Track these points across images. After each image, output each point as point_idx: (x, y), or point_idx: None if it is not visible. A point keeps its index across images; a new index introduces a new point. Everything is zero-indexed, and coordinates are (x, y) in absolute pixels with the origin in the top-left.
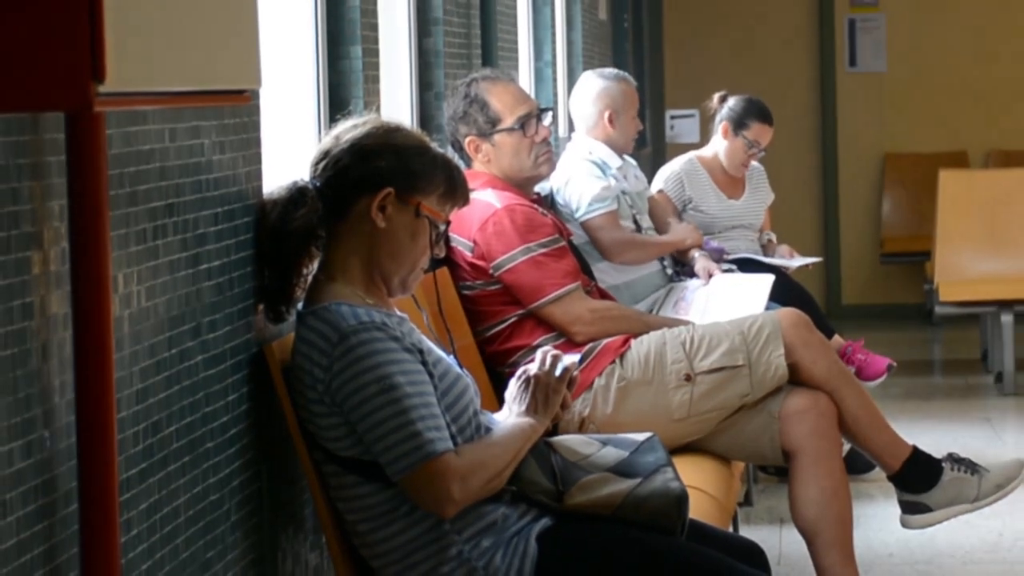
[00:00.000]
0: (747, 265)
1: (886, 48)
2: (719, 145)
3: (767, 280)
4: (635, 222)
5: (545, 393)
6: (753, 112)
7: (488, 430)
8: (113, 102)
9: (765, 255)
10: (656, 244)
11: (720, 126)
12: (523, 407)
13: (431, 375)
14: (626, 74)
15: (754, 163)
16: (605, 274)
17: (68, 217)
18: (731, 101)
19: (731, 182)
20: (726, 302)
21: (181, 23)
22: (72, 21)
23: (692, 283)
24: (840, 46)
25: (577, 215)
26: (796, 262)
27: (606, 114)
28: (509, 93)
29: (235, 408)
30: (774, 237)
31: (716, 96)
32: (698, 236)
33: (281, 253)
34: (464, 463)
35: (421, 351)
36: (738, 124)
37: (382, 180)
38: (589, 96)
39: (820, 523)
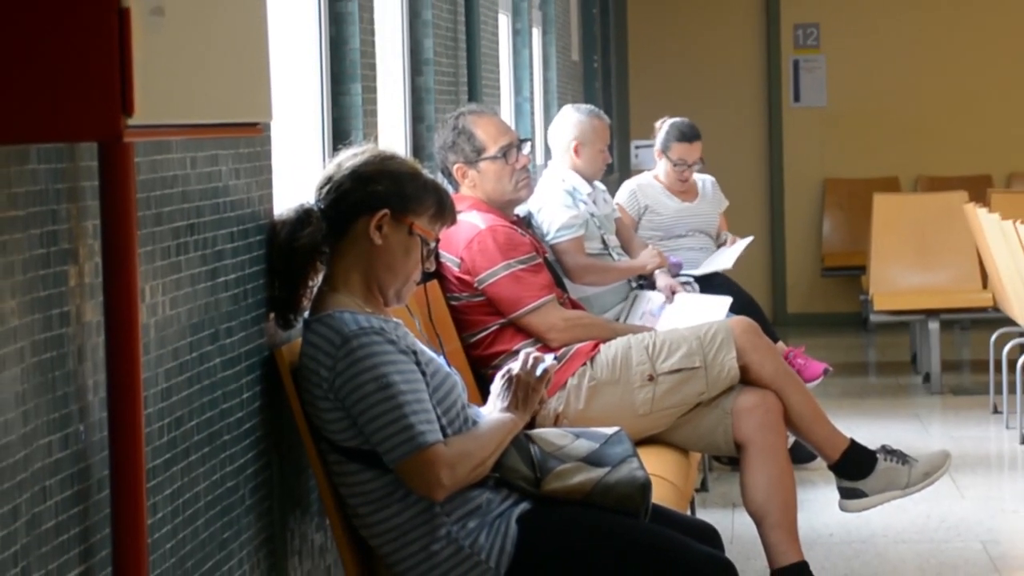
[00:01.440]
0: (705, 281)
1: (826, 85)
2: (659, 168)
3: (726, 302)
4: (603, 241)
5: (525, 391)
6: (673, 135)
7: (474, 423)
8: (141, 133)
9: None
10: (617, 269)
11: (656, 151)
12: (505, 403)
13: (424, 374)
14: (600, 111)
15: (707, 176)
16: (576, 287)
17: (101, 235)
18: (661, 129)
19: (683, 189)
20: (690, 321)
21: (201, 63)
22: (104, 61)
23: (655, 296)
24: (786, 84)
25: (547, 239)
26: (738, 246)
27: (572, 144)
28: (492, 125)
29: (249, 405)
30: (730, 236)
31: (657, 124)
32: (660, 260)
33: (290, 267)
34: (452, 453)
35: (415, 353)
36: (664, 147)
37: (379, 202)
38: (562, 127)
39: (768, 507)
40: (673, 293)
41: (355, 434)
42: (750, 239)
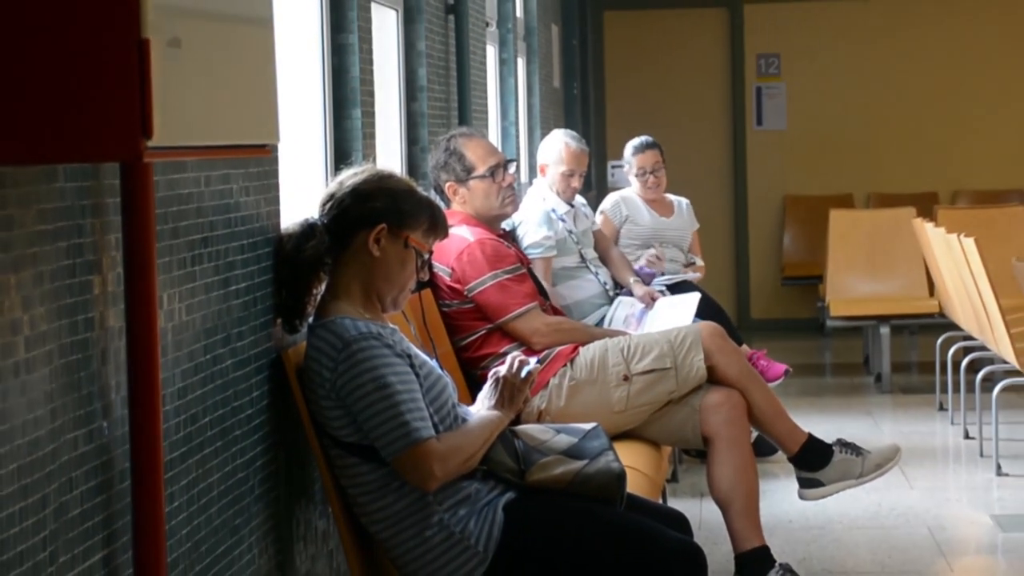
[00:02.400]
0: (675, 288)
1: (786, 111)
2: (633, 187)
3: (695, 297)
4: (580, 255)
5: (511, 391)
6: (631, 150)
7: (464, 420)
8: (159, 154)
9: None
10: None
11: (626, 170)
12: (492, 402)
13: (417, 376)
14: (577, 137)
15: (683, 198)
16: (558, 295)
17: (123, 247)
18: (625, 154)
19: (660, 205)
20: (666, 318)
21: (214, 89)
22: (125, 88)
23: (636, 302)
24: (749, 109)
25: None
26: (692, 299)
27: (539, 164)
28: (481, 147)
29: (258, 403)
30: (698, 261)
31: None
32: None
33: (295, 277)
34: (443, 448)
35: (409, 356)
36: (629, 163)
37: (377, 218)
38: (552, 146)
39: (733, 496)
40: (653, 300)
41: (354, 430)
42: (698, 296)
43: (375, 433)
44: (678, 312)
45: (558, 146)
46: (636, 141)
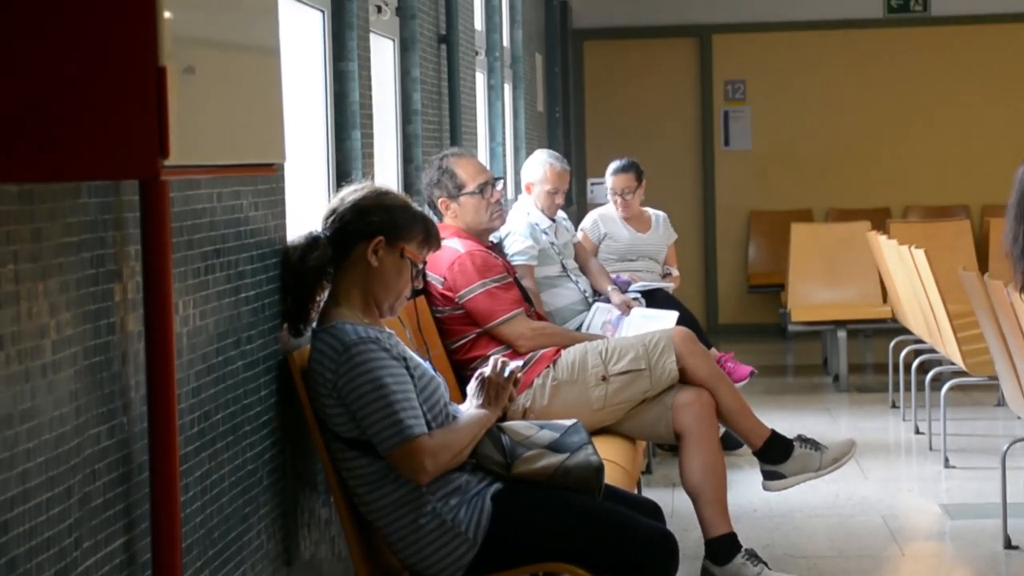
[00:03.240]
0: (649, 296)
1: (751, 132)
2: (611, 204)
3: (673, 316)
4: (562, 265)
5: (496, 390)
6: (608, 172)
7: (455, 418)
8: (175, 172)
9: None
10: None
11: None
12: (480, 401)
13: (412, 377)
14: (559, 158)
15: (660, 212)
16: (541, 302)
17: (141, 258)
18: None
19: (637, 221)
20: (642, 328)
21: (225, 113)
22: (144, 111)
23: (613, 309)
24: (717, 131)
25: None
26: (671, 316)
27: (524, 183)
28: (471, 165)
29: (266, 401)
30: (674, 272)
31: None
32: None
33: (300, 285)
34: (435, 443)
35: (405, 359)
36: (606, 184)
37: (375, 231)
38: (536, 165)
39: (702, 486)
40: (628, 308)
41: (354, 427)
42: (676, 315)
43: (372, 429)
44: (653, 326)
45: (542, 167)
46: (614, 163)
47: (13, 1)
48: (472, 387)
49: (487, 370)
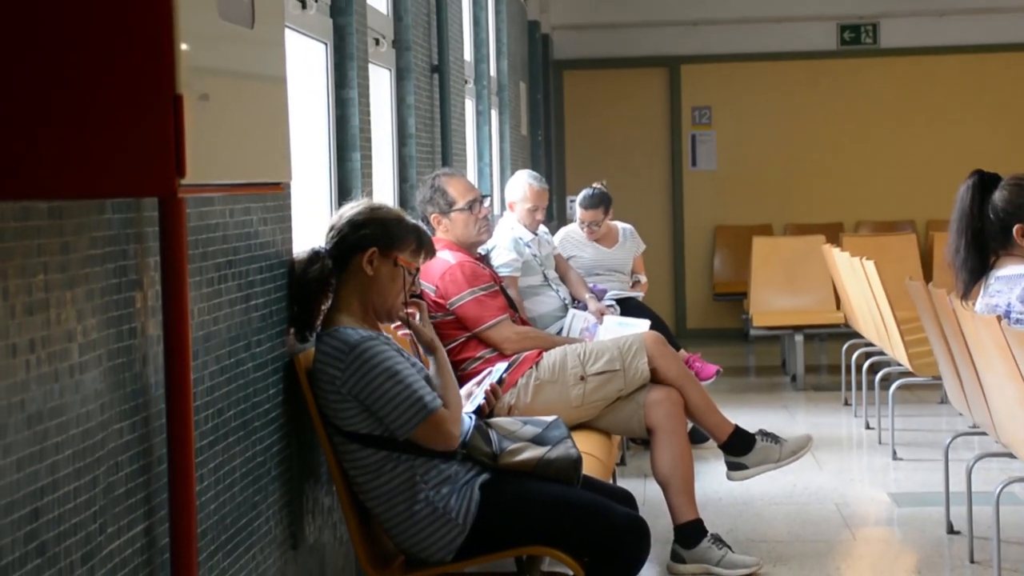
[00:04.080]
0: (622, 304)
1: (716, 154)
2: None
3: (645, 323)
4: (543, 275)
5: (419, 335)
6: (579, 203)
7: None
8: (191, 190)
9: (632, 290)
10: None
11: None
12: (424, 350)
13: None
14: (538, 178)
15: (627, 225)
16: (524, 308)
17: (160, 268)
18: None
19: (604, 238)
20: (616, 334)
21: (237, 136)
22: (163, 135)
23: (589, 316)
24: (685, 153)
25: None
26: (642, 323)
27: (508, 201)
28: (461, 184)
29: (274, 399)
30: (642, 279)
31: (593, 186)
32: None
33: (305, 294)
34: (452, 413)
35: (400, 351)
36: (576, 211)
37: (368, 242)
38: (518, 185)
39: (672, 477)
40: (602, 315)
41: (361, 419)
42: (648, 323)
43: (392, 415)
44: (627, 332)
45: (523, 187)
46: (584, 195)
47: (47, 38)
48: (465, 388)
49: (414, 321)
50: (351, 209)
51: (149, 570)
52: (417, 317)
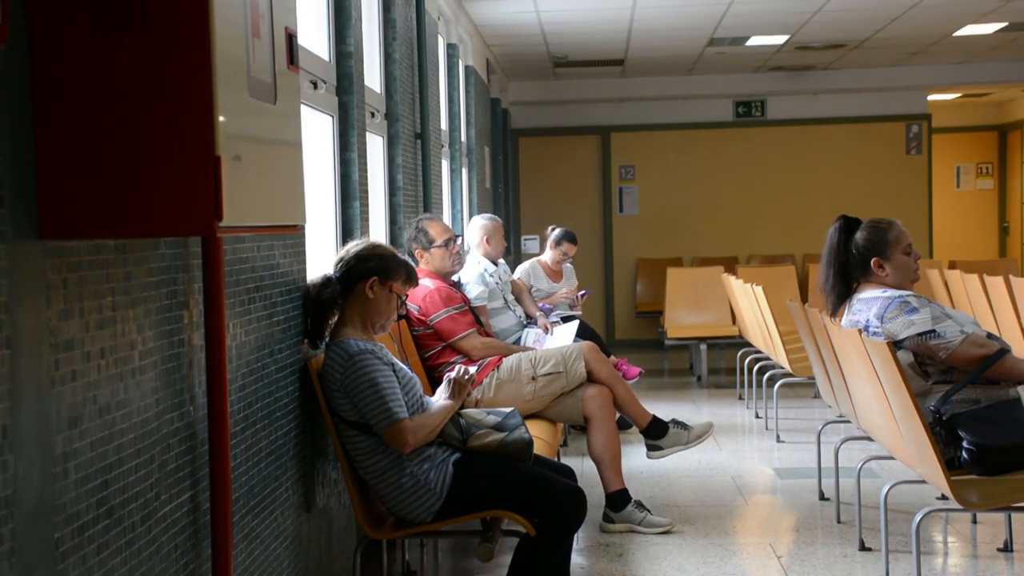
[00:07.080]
0: (566, 319)
1: (639, 203)
2: (547, 254)
3: (575, 323)
4: (504, 299)
5: (458, 388)
6: (566, 237)
7: (427, 407)
8: (226, 231)
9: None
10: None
11: (548, 243)
12: (447, 395)
13: (397, 377)
14: (487, 216)
15: (568, 264)
16: (488, 325)
17: (203, 292)
18: (555, 231)
19: (555, 274)
20: (559, 339)
21: (263, 188)
22: (204, 187)
23: (539, 330)
24: (614, 201)
25: None
26: (572, 327)
27: (484, 238)
28: (439, 226)
29: (292, 395)
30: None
31: (548, 228)
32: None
33: (317, 313)
34: (414, 425)
35: (392, 364)
36: (557, 242)
37: (370, 273)
38: (476, 229)
39: (604, 456)
40: (547, 328)
41: (355, 412)
42: (576, 323)
43: (369, 415)
44: (566, 332)
45: (480, 229)
46: (569, 234)
47: (118, 115)
48: (442, 386)
49: (454, 374)
50: (356, 246)
51: (194, 528)
52: (468, 373)
